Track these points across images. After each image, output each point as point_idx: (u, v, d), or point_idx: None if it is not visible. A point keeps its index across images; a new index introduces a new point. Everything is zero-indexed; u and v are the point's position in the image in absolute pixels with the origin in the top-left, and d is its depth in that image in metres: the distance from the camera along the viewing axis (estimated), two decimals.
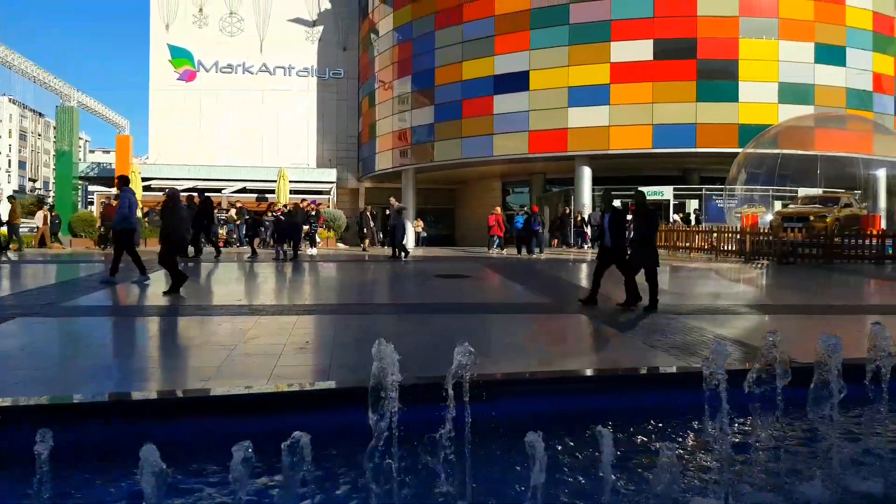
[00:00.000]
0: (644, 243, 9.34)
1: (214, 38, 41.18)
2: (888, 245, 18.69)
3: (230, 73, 41.26)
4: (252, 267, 15.85)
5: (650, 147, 28.22)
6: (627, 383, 5.01)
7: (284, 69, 41.65)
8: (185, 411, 3.90)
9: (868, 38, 29.73)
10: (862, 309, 10.01)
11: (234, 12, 41.23)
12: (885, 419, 3.98)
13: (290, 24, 41.61)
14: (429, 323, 7.82)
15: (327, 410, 3.98)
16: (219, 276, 14.07)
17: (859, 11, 29.39)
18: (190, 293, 10.73)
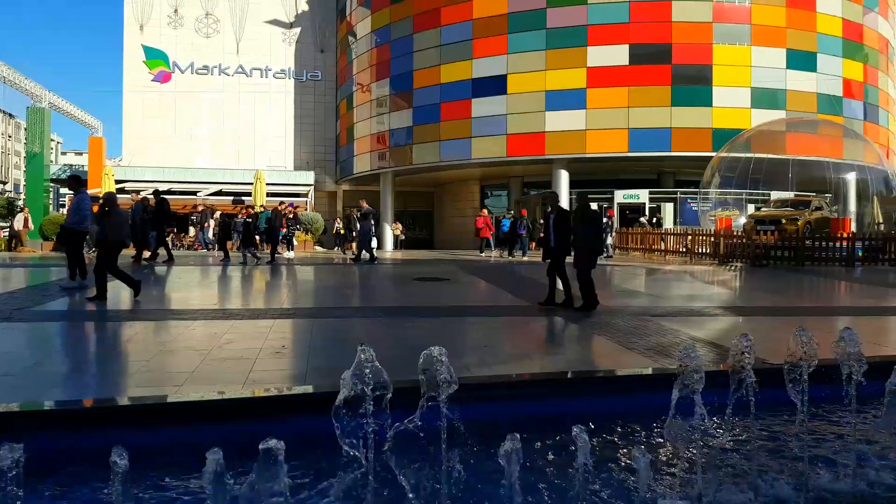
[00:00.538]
0: (584, 245, 9.14)
1: (190, 40, 40.79)
2: (858, 248, 19.05)
3: (206, 75, 40.89)
4: (225, 271, 15.71)
5: (626, 151, 28.52)
6: (604, 385, 5.05)
7: (261, 71, 41.38)
8: (155, 417, 3.85)
9: (838, 44, 30.37)
10: (832, 311, 10.20)
11: (209, 13, 40.87)
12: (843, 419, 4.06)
13: (267, 25, 41.36)
14: (405, 327, 7.81)
15: (303, 415, 3.96)
16: (191, 281, 13.92)
17: (830, 18, 30.02)
18: (161, 298, 10.61)
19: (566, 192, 29.72)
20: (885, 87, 33.80)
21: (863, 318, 8.92)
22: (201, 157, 39.75)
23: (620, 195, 29.47)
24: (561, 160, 29.53)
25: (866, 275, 16.22)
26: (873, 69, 32.44)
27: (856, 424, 3.87)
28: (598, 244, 9.46)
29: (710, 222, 23.82)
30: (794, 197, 23.89)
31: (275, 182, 34.13)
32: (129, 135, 40.69)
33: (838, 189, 26.44)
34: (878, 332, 7.87)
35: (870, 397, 3.94)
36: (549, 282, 9.60)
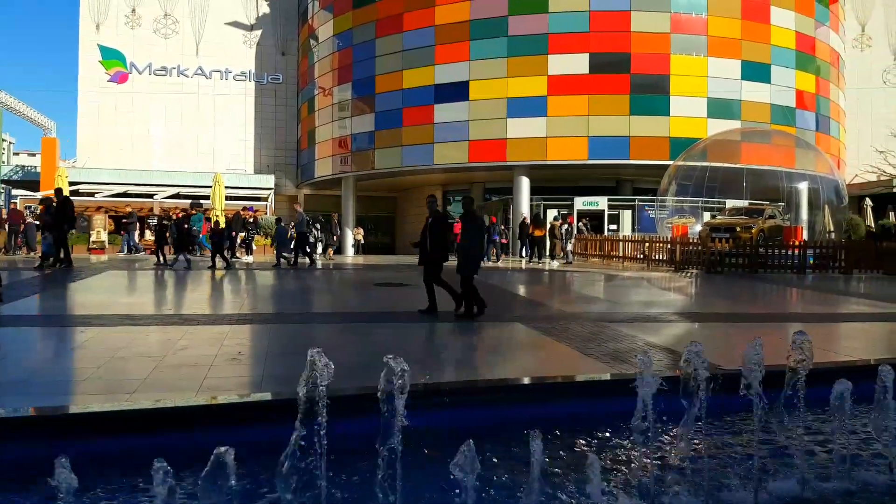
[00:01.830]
0: (465, 250, 8.94)
1: (148, 40, 39.99)
2: (809, 255, 19.62)
3: (164, 76, 40.13)
4: (178, 276, 15.39)
5: (586, 158, 28.90)
6: (562, 392, 5.07)
7: (221, 73, 40.79)
8: (103, 426, 3.73)
9: (791, 56, 31.31)
10: (784, 317, 10.48)
11: (168, 14, 40.14)
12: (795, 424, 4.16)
13: (228, 27, 40.80)
14: (364, 333, 7.76)
15: (258, 423, 3.89)
16: (140, 285, 13.60)
17: (783, 31, 30.94)
18: (112, 303, 10.35)
19: (527, 199, 29.97)
20: (836, 98, 34.97)
21: (814, 325, 9.19)
22: (158, 160, 38.96)
23: (580, 202, 29.83)
24: (522, 167, 29.76)
25: (817, 282, 16.72)
26: (825, 81, 33.53)
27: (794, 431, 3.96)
28: (478, 249, 9.11)
29: (667, 229, 24.26)
30: (749, 205, 24.48)
31: (234, 185, 33.62)
32: (83, 136, 39.65)
33: (791, 198, 27.19)
34: (829, 338, 8.10)
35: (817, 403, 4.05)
36: (426, 290, 9.18)
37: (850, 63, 38.37)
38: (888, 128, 36.41)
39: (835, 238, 24.61)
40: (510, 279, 16.82)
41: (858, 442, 4.08)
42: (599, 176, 31.86)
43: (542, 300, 12.05)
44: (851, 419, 3.95)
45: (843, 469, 3.62)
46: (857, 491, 3.46)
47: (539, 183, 30.44)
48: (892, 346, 8.07)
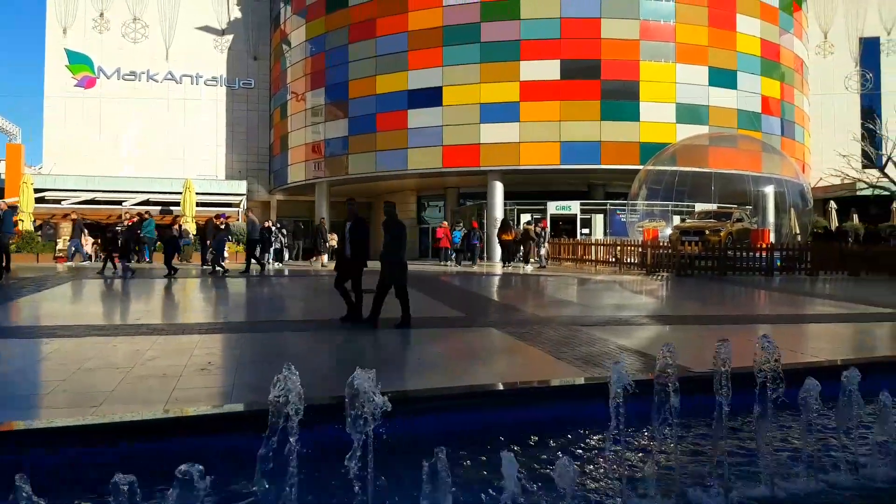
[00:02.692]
0: (389, 257, 8.63)
1: (116, 44, 39.39)
2: (777, 257, 19.99)
3: (133, 81, 39.54)
4: (146, 285, 15.14)
5: (558, 163, 29.14)
6: (536, 396, 5.09)
7: (192, 78, 40.31)
8: (69, 440, 3.65)
9: (757, 63, 31.95)
10: (753, 319, 10.65)
11: (137, 18, 39.58)
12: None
13: (198, 31, 40.36)
14: (333, 341, 7.71)
15: (229, 435, 3.84)
16: (98, 294, 13.36)
17: (749, 38, 31.57)
18: (73, 313, 10.16)
19: (500, 204, 30.11)
20: (800, 104, 35.77)
21: (781, 326, 9.36)
22: (127, 166, 38.34)
23: (553, 206, 30.07)
24: (495, 172, 29.90)
25: (784, 283, 17.04)
26: (789, 87, 34.27)
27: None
28: (398, 256, 8.71)
29: (638, 233, 24.55)
30: (717, 209, 24.88)
31: (205, 192, 33.18)
32: (50, 142, 38.87)
33: (758, 201, 27.73)
34: (796, 339, 8.25)
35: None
36: (341, 293, 8.92)
37: (814, 69, 39.31)
38: (850, 132, 37.31)
39: (801, 240, 25.11)
40: (484, 284, 16.86)
41: (826, 441, 4.16)
42: (572, 180, 32.15)
43: (517, 304, 12.10)
44: (818, 419, 4.02)
45: (811, 469, 3.69)
46: (825, 491, 3.53)
47: (512, 187, 30.61)
48: (857, 346, 8.25)
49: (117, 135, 39.10)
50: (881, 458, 3.82)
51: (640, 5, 29.54)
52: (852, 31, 40.82)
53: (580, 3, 29.28)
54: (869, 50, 40.84)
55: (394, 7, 31.32)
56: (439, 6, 30.38)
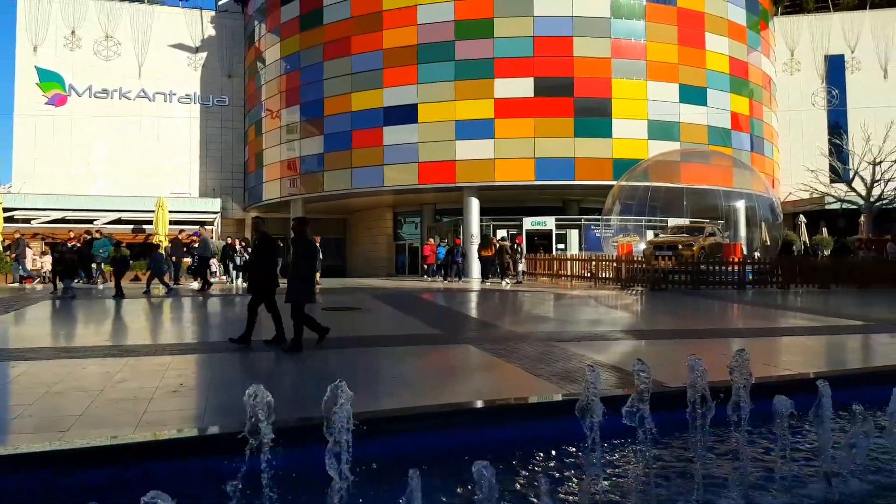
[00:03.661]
0: (294, 276, 8.15)
1: (88, 62, 38.96)
2: (748, 271, 20.30)
3: (105, 99, 39.10)
4: (115, 305, 14.88)
5: (533, 179, 29.36)
6: (511, 414, 5.07)
7: (165, 95, 40.00)
8: (35, 466, 3.54)
9: (726, 80, 32.62)
10: (726, 333, 10.78)
11: (110, 35, 39.24)
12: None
13: (172, 49, 40.12)
14: (309, 360, 7.63)
15: (200, 458, 3.76)
16: (71, 316, 13.10)
17: (718, 56, 32.25)
18: (46, 334, 9.96)
19: (476, 220, 30.21)
20: (769, 120, 36.55)
21: (754, 340, 9.48)
22: (99, 185, 37.81)
23: (528, 222, 30.24)
24: (471, 188, 30.02)
25: (757, 297, 17.29)
26: (758, 104, 35.02)
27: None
28: (310, 274, 8.35)
29: (612, 248, 24.77)
30: (690, 223, 25.22)
31: (178, 209, 32.80)
32: (19, 160, 38.18)
33: (729, 216, 28.17)
34: (770, 352, 8.36)
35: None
36: (248, 317, 8.43)
37: (781, 86, 40.24)
38: (818, 148, 38.20)
39: (770, 254, 25.53)
40: (462, 300, 16.85)
41: (798, 455, 4.20)
42: (547, 196, 32.40)
43: (494, 321, 12.10)
44: (791, 433, 4.06)
45: (784, 482, 3.72)
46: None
47: (488, 203, 30.75)
48: (829, 359, 8.38)
49: (89, 153, 38.58)
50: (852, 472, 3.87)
51: (612, 24, 30.05)
52: (818, 48, 41.93)
53: (552, 23, 29.70)
54: (834, 67, 41.94)
55: (368, 25, 31.47)
56: (414, 25, 30.59)
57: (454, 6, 30.10)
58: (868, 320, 11.66)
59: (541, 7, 29.71)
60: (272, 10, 36.48)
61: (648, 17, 30.55)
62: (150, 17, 39.92)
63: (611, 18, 30.03)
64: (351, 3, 32.12)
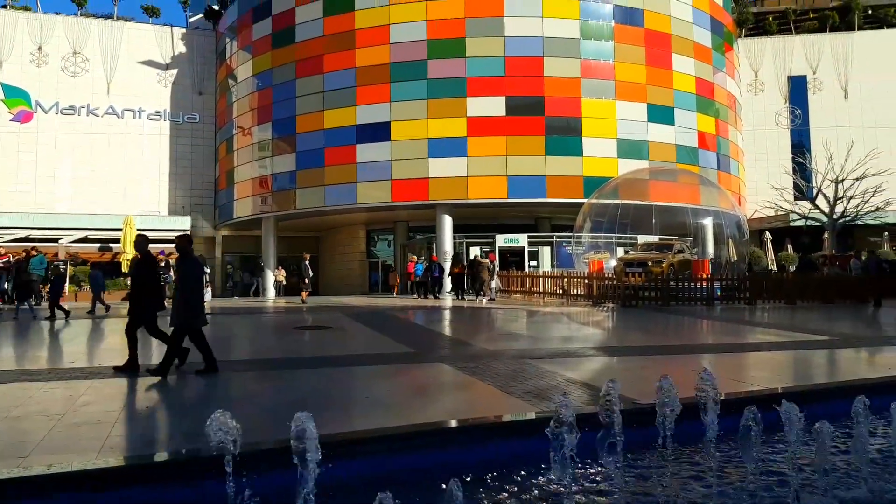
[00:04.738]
0: (180, 298, 7.71)
1: (55, 79, 38.36)
2: (717, 287, 20.60)
3: (73, 115, 38.49)
4: (79, 325, 14.57)
5: (505, 197, 29.56)
6: (483, 433, 5.06)
7: (134, 112, 39.50)
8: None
9: (692, 100, 33.34)
10: (695, 349, 10.91)
11: (78, 52, 38.73)
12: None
13: (141, 66, 39.73)
14: (279, 380, 7.54)
15: (167, 485, 3.68)
16: (40, 336, 12.79)
17: (684, 76, 32.97)
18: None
19: (449, 237, 30.28)
20: (734, 139, 37.38)
21: (723, 356, 9.62)
22: (66, 202, 37.11)
23: (501, 239, 30.40)
24: (444, 205, 30.11)
25: (725, 313, 17.55)
26: (724, 123, 35.82)
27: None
28: (196, 295, 7.89)
29: (583, 265, 24.98)
30: (659, 240, 25.55)
31: (147, 228, 32.24)
32: None
33: (697, 233, 28.60)
34: (738, 367, 8.48)
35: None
36: (128, 342, 7.97)
37: (746, 106, 41.26)
38: (782, 166, 39.15)
39: (741, 267, 25.96)
40: (435, 318, 16.82)
41: (765, 469, 4.25)
42: (519, 213, 32.63)
43: (467, 339, 12.09)
44: (759, 448, 4.12)
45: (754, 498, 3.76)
46: None
47: (461, 221, 30.85)
48: (795, 374, 8.52)
49: (55, 170, 37.87)
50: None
51: (581, 45, 30.57)
52: (781, 69, 43.12)
53: (523, 43, 30.12)
54: (797, 88, 43.13)
55: (341, 44, 31.57)
56: (386, 43, 30.77)
57: (426, 25, 30.38)
58: (832, 335, 11.91)
59: (512, 28, 30.13)
60: (244, 27, 36.41)
61: (617, 38, 31.17)
62: (120, 33, 39.53)
63: (580, 39, 30.57)
64: (323, 22, 32.22)
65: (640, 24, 31.75)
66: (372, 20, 31.03)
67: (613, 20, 31.21)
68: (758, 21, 44.71)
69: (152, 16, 40.98)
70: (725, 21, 37.24)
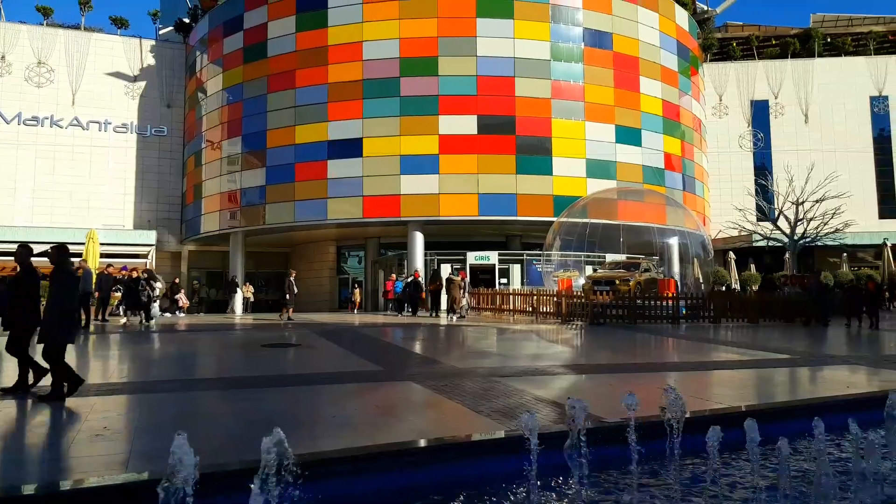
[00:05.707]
0: (52, 312, 7.11)
1: (18, 89, 37.61)
2: (682, 306, 20.91)
3: (36, 126, 37.72)
4: None
5: (476, 214, 29.72)
6: (451, 453, 5.04)
7: (100, 124, 38.87)
8: None
9: (659, 122, 34.03)
10: (660, 367, 11.04)
11: (42, 62, 38.06)
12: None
13: (109, 77, 39.19)
14: (246, 399, 7.42)
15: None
16: None
17: (651, 99, 33.66)
18: None
19: (421, 254, 30.27)
20: (699, 161, 38.21)
21: (688, 374, 9.74)
22: (26, 216, 36.23)
23: (473, 257, 30.50)
24: (416, 222, 30.13)
25: (690, 331, 17.81)
26: (689, 145, 36.61)
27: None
28: (70, 311, 7.31)
29: (553, 283, 25.17)
30: (626, 259, 25.91)
31: (111, 242, 31.71)
32: None
33: (663, 252, 29.08)
34: (702, 385, 8.59)
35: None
36: (18, 361, 7.38)
37: (711, 129, 42.27)
38: (745, 188, 40.07)
39: (704, 289, 26.40)
40: (406, 335, 16.75)
41: (729, 484, 4.31)
42: (490, 231, 32.80)
43: (437, 357, 12.05)
44: (725, 465, 4.18)
45: None
46: None
47: (433, 238, 30.89)
48: (758, 392, 8.66)
49: (16, 182, 36.99)
50: None
51: (552, 66, 31.05)
52: (744, 94, 44.32)
53: (495, 63, 30.49)
54: (759, 112, 44.36)
55: (313, 59, 31.57)
56: (359, 60, 30.86)
57: (399, 43, 30.57)
58: (793, 353, 12.16)
59: (484, 48, 30.49)
60: (215, 41, 36.19)
61: (586, 60, 31.74)
62: (87, 44, 38.98)
63: (551, 61, 31.05)
64: (296, 37, 32.22)
65: (608, 47, 32.40)
66: (345, 37, 31.13)
67: (583, 43, 31.80)
68: (722, 46, 45.99)
69: (121, 27, 40.56)
70: (691, 46, 38.20)
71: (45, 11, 39.22)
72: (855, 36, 47.10)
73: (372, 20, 30.94)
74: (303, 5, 32.25)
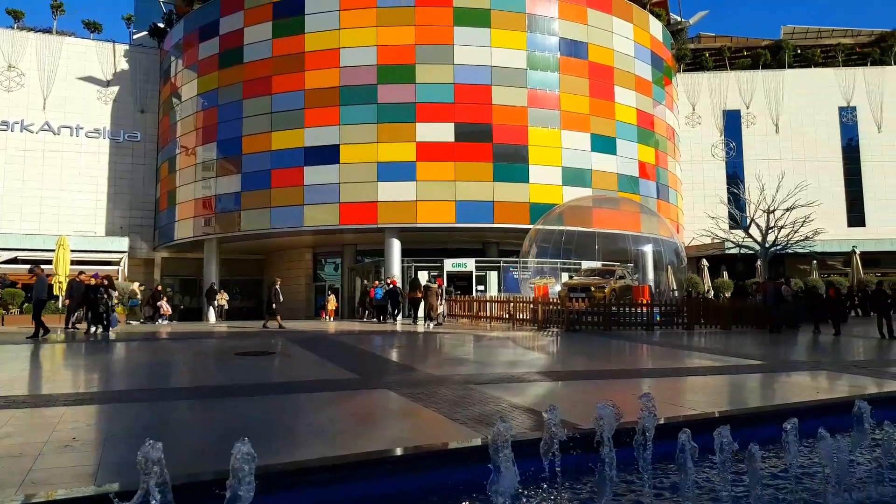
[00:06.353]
0: None
1: None
2: (656, 312, 21.13)
3: (6, 131, 37.05)
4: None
5: (454, 221, 29.77)
6: (428, 461, 5.02)
7: (72, 129, 38.27)
8: None
9: (633, 131, 34.44)
10: (635, 373, 11.13)
11: (13, 66, 37.40)
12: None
13: (81, 82, 38.63)
14: (218, 409, 7.33)
15: None
16: None
17: (626, 108, 34.07)
18: None
19: (398, 261, 30.21)
20: (673, 169, 38.72)
21: (662, 380, 9.83)
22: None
23: (450, 264, 30.52)
24: (393, 229, 30.09)
25: (664, 337, 17.98)
26: (663, 154, 37.09)
27: None
28: None
29: (529, 290, 25.27)
30: (602, 266, 26.11)
31: (82, 249, 31.18)
32: None
33: (638, 259, 29.38)
34: (676, 391, 8.68)
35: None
36: None
37: (684, 138, 42.88)
38: (718, 196, 40.66)
39: (678, 296, 26.71)
40: (382, 343, 16.67)
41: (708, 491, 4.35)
42: (467, 238, 32.86)
43: (414, 364, 12.02)
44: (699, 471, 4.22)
45: None
46: None
47: (410, 245, 30.85)
48: (730, 398, 8.77)
49: None
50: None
51: (528, 75, 31.29)
52: (716, 104, 45.07)
53: (472, 71, 30.64)
54: (731, 121, 45.13)
55: (290, 66, 31.44)
56: (336, 67, 30.80)
57: (377, 51, 30.58)
58: (764, 360, 12.35)
59: (461, 56, 30.63)
60: (190, 46, 35.87)
61: (562, 69, 32.04)
62: (59, 48, 38.41)
63: (527, 69, 31.29)
64: (272, 43, 32.07)
65: (584, 56, 32.74)
66: (322, 43, 31.06)
67: (559, 52, 32.11)
68: (695, 57, 46.76)
69: (94, 31, 40.01)
70: (665, 56, 38.76)
71: (16, 14, 38.58)
72: (824, 48, 48.18)
73: (349, 27, 30.92)
74: (280, 11, 32.13)
